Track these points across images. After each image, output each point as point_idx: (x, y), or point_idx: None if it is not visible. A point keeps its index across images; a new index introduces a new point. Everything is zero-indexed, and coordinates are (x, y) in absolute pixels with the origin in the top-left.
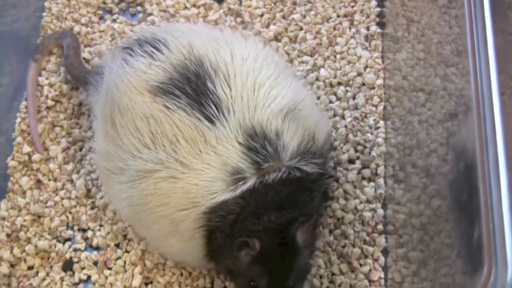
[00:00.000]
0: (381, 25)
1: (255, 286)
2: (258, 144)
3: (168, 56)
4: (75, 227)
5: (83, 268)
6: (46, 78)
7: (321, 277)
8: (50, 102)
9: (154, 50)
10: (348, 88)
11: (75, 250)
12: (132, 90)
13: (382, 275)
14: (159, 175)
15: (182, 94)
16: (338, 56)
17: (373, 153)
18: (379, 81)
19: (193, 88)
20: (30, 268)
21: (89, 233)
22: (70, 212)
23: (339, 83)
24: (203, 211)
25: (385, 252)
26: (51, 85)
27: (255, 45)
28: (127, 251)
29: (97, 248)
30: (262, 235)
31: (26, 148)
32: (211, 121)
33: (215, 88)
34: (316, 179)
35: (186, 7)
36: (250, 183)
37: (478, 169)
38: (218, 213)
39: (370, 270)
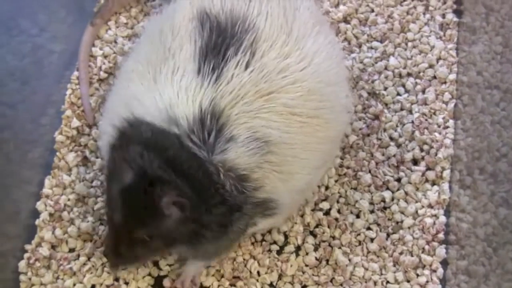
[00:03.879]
0: (458, 13)
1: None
2: (209, 125)
3: (239, 1)
4: None
5: None
6: (100, 49)
7: (375, 283)
8: (103, 74)
9: None
10: (418, 80)
11: None
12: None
13: None
14: (138, 68)
15: (207, 36)
16: (409, 44)
17: (440, 155)
18: (452, 76)
19: (218, 41)
20: (72, 250)
21: None
22: None
23: (409, 74)
24: (128, 118)
25: (444, 263)
26: (105, 56)
27: (330, 65)
28: None
29: None
30: (138, 169)
31: (75, 122)
32: (198, 72)
33: (231, 59)
34: (225, 197)
35: None
36: (172, 130)
37: None
38: (132, 128)
39: (427, 281)
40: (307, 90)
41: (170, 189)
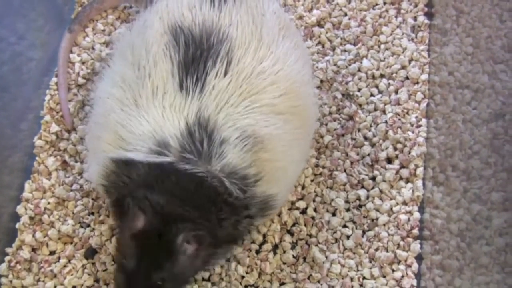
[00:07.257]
0: (429, 15)
1: (124, 267)
2: (199, 136)
3: (210, 13)
4: (95, 214)
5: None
6: (78, 55)
7: (351, 279)
8: (81, 80)
9: None
10: (391, 81)
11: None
12: (162, 13)
13: (415, 282)
14: (114, 94)
15: (183, 50)
16: (382, 46)
17: (413, 153)
18: (424, 76)
19: (195, 54)
20: (52, 253)
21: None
22: (92, 198)
23: (382, 76)
24: (115, 158)
25: (419, 258)
26: (83, 62)
27: (298, 65)
28: None
29: None
30: (149, 213)
31: (54, 127)
32: (181, 87)
33: (211, 69)
34: (234, 204)
35: None
36: (165, 160)
37: None
38: (126, 168)
39: (402, 276)
40: (284, 90)
41: (185, 226)
